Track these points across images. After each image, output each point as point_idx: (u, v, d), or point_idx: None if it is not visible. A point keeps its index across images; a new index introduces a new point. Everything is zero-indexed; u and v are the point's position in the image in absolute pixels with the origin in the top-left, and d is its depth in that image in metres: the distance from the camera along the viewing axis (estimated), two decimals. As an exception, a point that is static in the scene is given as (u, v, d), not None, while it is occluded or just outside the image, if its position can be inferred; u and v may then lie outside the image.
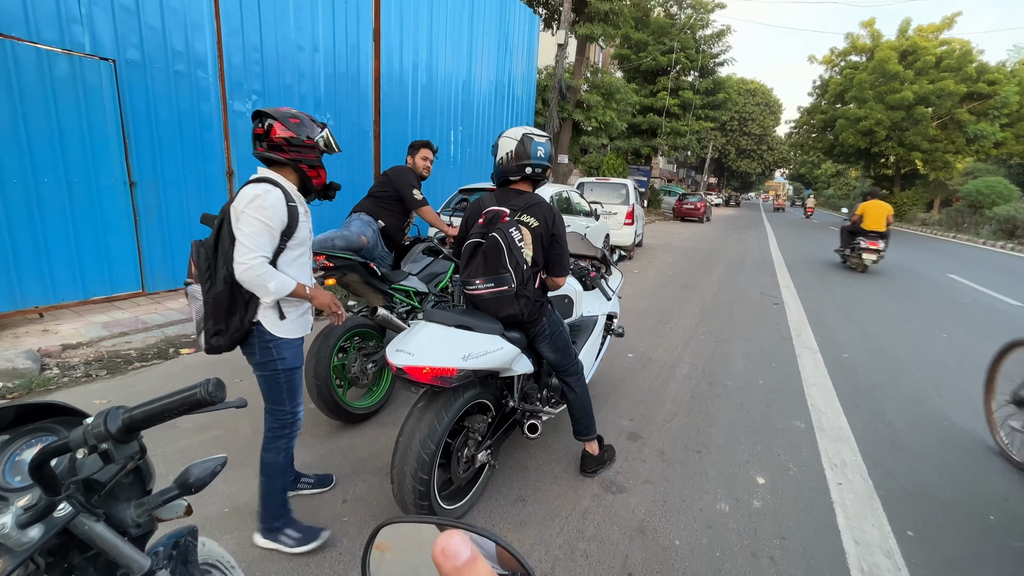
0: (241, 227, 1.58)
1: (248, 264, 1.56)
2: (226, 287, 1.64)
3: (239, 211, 1.58)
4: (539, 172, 2.01)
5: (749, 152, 45.72)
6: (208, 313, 1.65)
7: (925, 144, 22.70)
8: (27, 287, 3.76)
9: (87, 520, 0.62)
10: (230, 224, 1.61)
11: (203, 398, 0.60)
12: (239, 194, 1.62)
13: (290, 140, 1.68)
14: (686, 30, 21.10)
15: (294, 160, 1.71)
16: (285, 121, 1.69)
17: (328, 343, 2.52)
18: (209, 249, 1.65)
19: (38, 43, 3.62)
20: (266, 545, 1.81)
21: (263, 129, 1.67)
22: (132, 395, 2.96)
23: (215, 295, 1.64)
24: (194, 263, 1.66)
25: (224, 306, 1.65)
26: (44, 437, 0.71)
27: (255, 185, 1.62)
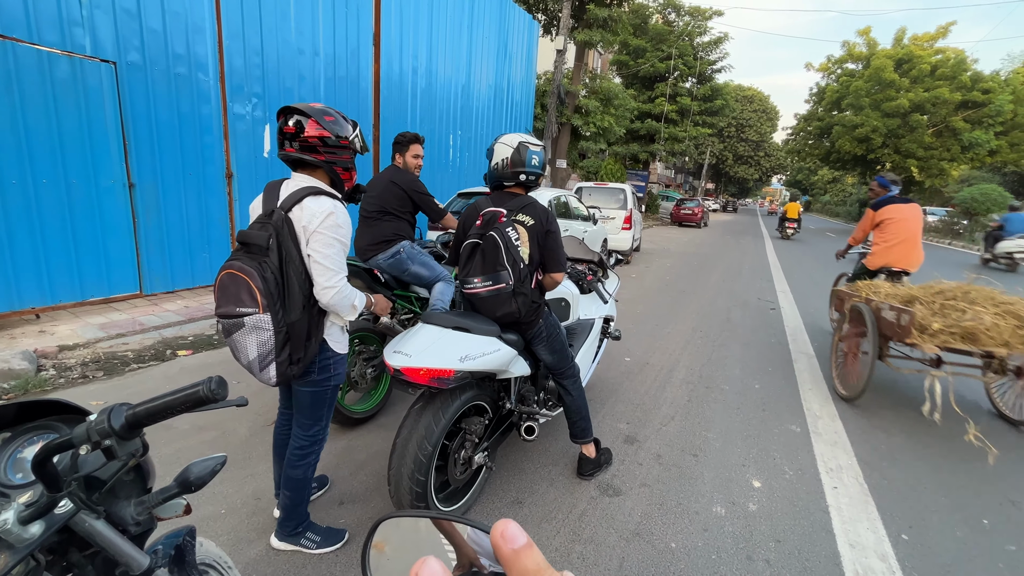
0: (320, 249, 1.49)
1: (337, 287, 1.51)
2: (304, 314, 1.52)
3: (312, 230, 1.48)
4: (532, 179, 2.08)
5: (746, 158, 46.01)
6: (281, 342, 1.49)
7: (921, 151, 22.90)
8: (24, 288, 3.76)
9: (88, 517, 0.63)
10: (294, 242, 1.49)
11: (205, 395, 0.61)
12: (303, 210, 1.49)
13: (325, 140, 1.56)
14: (684, 37, 21.28)
15: (329, 162, 1.59)
16: (320, 119, 1.56)
17: None
18: (276, 273, 1.48)
19: (39, 45, 3.63)
20: (284, 547, 1.81)
21: (294, 128, 1.54)
22: (128, 396, 2.95)
23: (291, 323, 1.50)
24: (259, 291, 1.44)
25: (303, 334, 1.53)
26: (45, 435, 0.72)
27: (320, 200, 1.51)
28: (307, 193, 1.52)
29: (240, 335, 1.49)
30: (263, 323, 1.46)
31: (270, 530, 1.91)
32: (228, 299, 1.48)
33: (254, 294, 1.45)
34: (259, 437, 2.58)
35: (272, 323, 1.47)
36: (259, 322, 1.46)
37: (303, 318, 1.52)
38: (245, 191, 5.18)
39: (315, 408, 1.73)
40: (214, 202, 4.93)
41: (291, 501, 1.77)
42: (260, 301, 1.45)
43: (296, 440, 1.75)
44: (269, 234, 1.49)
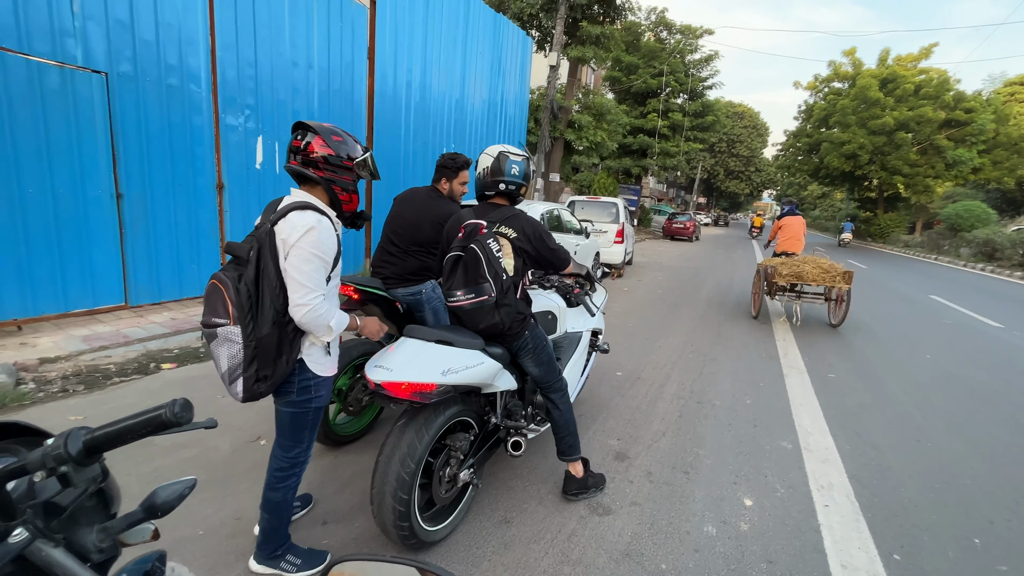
0: (297, 264, 1.45)
1: (310, 305, 1.46)
2: (273, 329, 1.47)
3: (290, 244, 1.45)
4: (513, 189, 2.07)
5: (737, 173, 46.65)
6: (249, 357, 1.46)
7: (906, 168, 23.34)
8: (6, 298, 3.68)
9: (44, 546, 0.60)
10: (273, 255, 1.47)
11: (168, 419, 0.58)
12: (286, 223, 1.47)
13: (328, 158, 1.56)
14: (675, 54, 21.68)
15: (327, 180, 1.58)
16: (327, 137, 1.57)
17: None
18: (250, 285, 1.46)
19: (29, 55, 3.61)
20: (263, 571, 1.74)
21: (301, 142, 1.56)
22: (110, 411, 2.88)
23: (260, 338, 1.46)
24: (232, 302, 1.44)
25: (272, 350, 1.49)
26: (3, 458, 0.69)
27: (304, 214, 1.48)
28: (295, 207, 1.51)
29: (215, 345, 1.49)
30: (233, 335, 1.45)
31: (250, 552, 1.85)
32: (208, 308, 1.48)
33: (227, 305, 1.45)
34: (241, 454, 2.52)
35: (242, 336, 1.44)
36: (229, 334, 1.45)
37: (272, 334, 1.48)
38: (236, 203, 5.15)
39: (295, 430, 1.68)
40: (204, 213, 4.89)
41: (269, 524, 1.71)
42: (231, 313, 1.44)
43: (276, 461, 1.70)
44: (251, 246, 1.49)
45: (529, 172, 2.10)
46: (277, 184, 5.54)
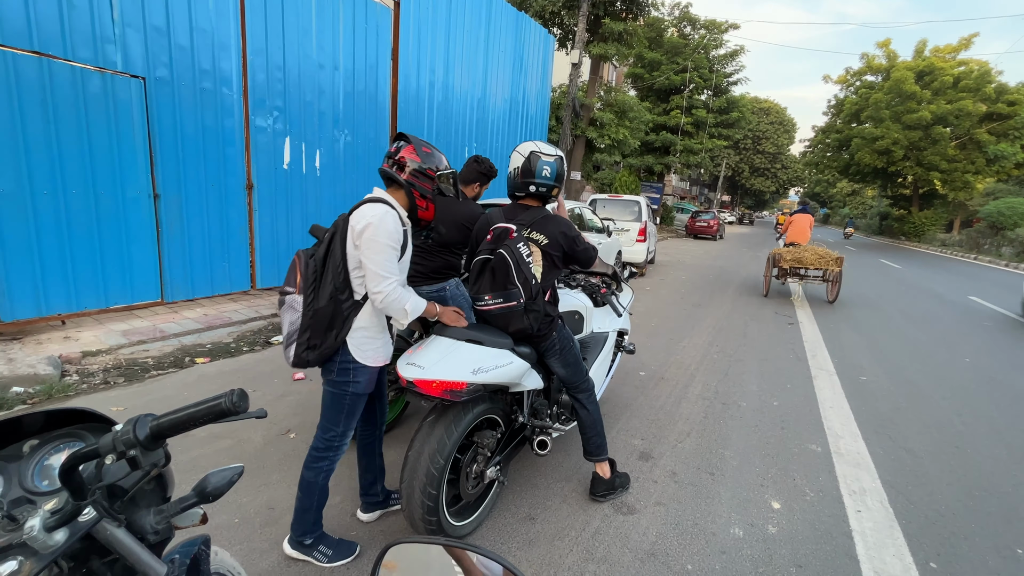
0: (371, 255, 1.58)
1: (386, 292, 1.59)
2: (330, 303, 1.63)
3: (358, 231, 1.59)
4: (544, 191, 2.03)
5: (763, 170, 45.58)
6: (304, 325, 1.64)
7: (944, 164, 22.44)
8: (51, 295, 3.86)
9: (109, 525, 0.64)
10: (342, 240, 1.64)
11: (227, 408, 0.62)
12: (359, 213, 1.62)
13: (418, 167, 1.73)
14: (699, 50, 21.29)
15: (410, 184, 1.72)
16: (418, 147, 1.75)
17: None
18: (319, 262, 1.65)
19: (73, 61, 3.78)
20: (296, 556, 1.82)
21: (396, 150, 1.75)
22: (148, 403, 3.00)
23: (317, 310, 1.63)
24: (301, 274, 1.65)
25: (325, 322, 1.64)
26: (71, 443, 0.73)
27: (375, 206, 1.63)
28: (368, 200, 1.68)
29: (282, 311, 1.71)
30: (296, 304, 1.66)
31: (283, 541, 1.91)
32: (286, 279, 1.73)
33: (296, 277, 1.67)
34: (274, 446, 2.60)
35: (302, 305, 1.64)
36: (293, 302, 1.67)
37: (328, 307, 1.64)
38: (265, 202, 5.29)
39: (334, 411, 1.75)
40: (234, 213, 5.04)
41: (301, 504, 1.79)
42: (299, 283, 1.66)
43: (315, 441, 1.79)
44: (331, 231, 1.70)
45: (563, 172, 2.05)
46: (304, 184, 5.66)
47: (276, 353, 4.01)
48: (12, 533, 0.57)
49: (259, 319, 4.76)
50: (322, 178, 5.88)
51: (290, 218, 5.58)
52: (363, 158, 6.37)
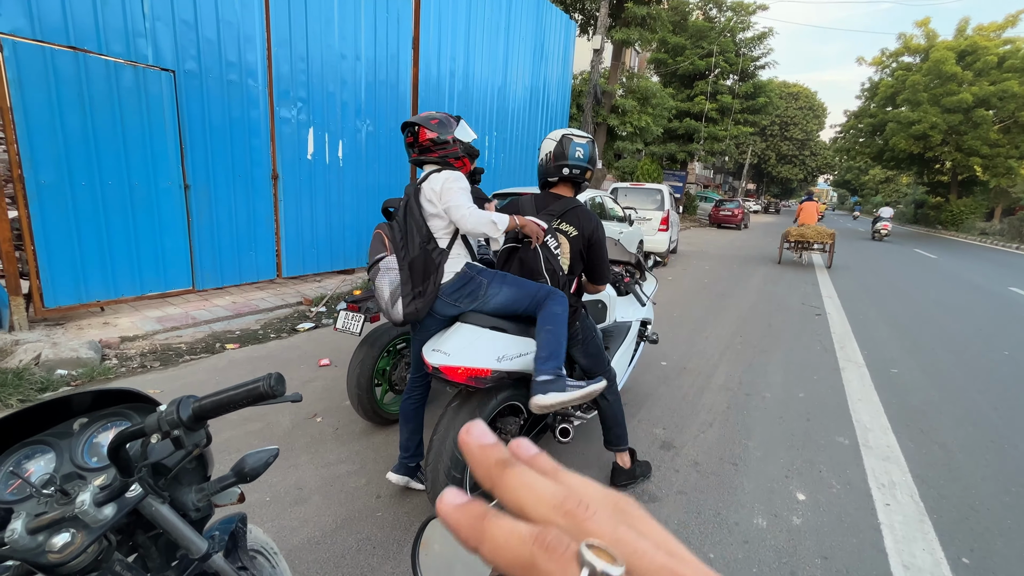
0: (451, 198, 1.82)
1: (468, 211, 1.80)
2: (421, 252, 1.86)
3: (438, 190, 1.84)
4: (577, 173, 2.01)
5: (790, 158, 44.18)
6: (405, 278, 1.86)
7: (985, 149, 21.37)
8: (91, 282, 4.03)
9: (154, 502, 0.67)
10: (418, 203, 1.89)
11: (265, 391, 0.63)
12: (430, 180, 1.88)
13: (434, 140, 1.93)
14: (725, 33, 20.64)
15: (442, 157, 1.94)
16: (427, 124, 1.93)
17: (374, 350, 2.56)
18: (401, 223, 1.91)
19: (107, 55, 3.89)
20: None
21: (413, 138, 1.94)
22: (182, 386, 3.12)
23: (412, 260, 1.86)
24: (388, 238, 1.92)
25: (421, 269, 1.86)
26: (118, 422, 0.77)
27: (440, 172, 1.89)
28: (433, 171, 1.92)
29: (379, 278, 1.90)
30: (391, 263, 1.90)
31: (312, 520, 1.98)
32: (372, 252, 1.99)
33: (384, 241, 1.95)
34: (301, 430, 2.68)
35: (397, 262, 1.89)
36: (388, 263, 1.90)
37: (420, 256, 1.86)
38: (289, 192, 5.38)
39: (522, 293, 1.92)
40: (260, 202, 5.15)
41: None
42: (388, 246, 1.93)
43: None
44: (404, 200, 1.95)
45: (595, 156, 2.05)
46: (327, 174, 5.74)
47: (302, 340, 4.11)
48: (65, 507, 0.60)
49: (285, 307, 4.88)
50: (345, 168, 5.95)
51: (314, 208, 5.68)
52: (384, 148, 6.41)
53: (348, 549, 1.84)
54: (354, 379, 2.51)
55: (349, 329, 2.59)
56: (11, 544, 0.57)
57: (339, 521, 1.99)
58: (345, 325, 2.61)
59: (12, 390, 2.79)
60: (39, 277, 3.73)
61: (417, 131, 1.92)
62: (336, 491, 2.18)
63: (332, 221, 5.91)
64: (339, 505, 2.09)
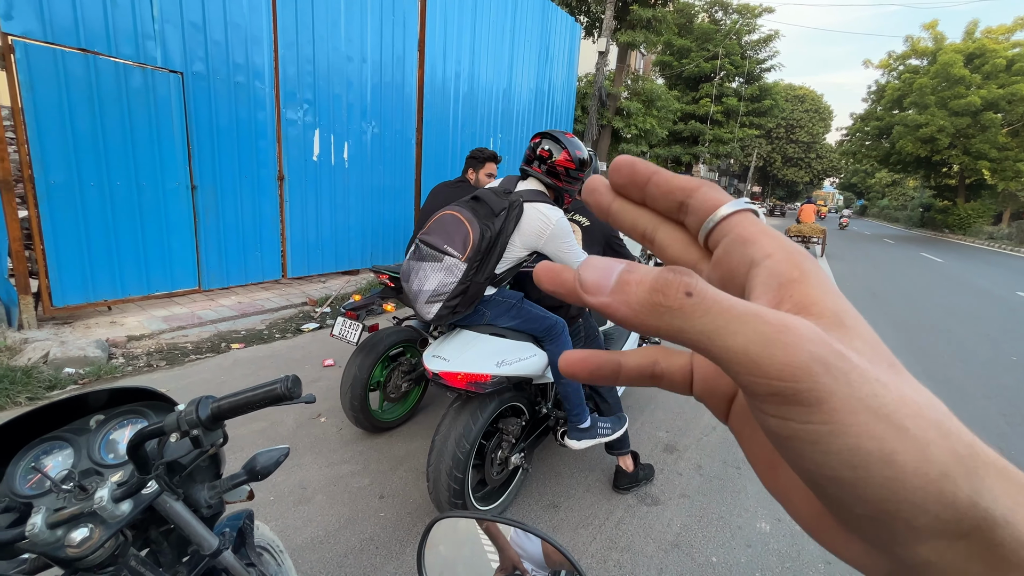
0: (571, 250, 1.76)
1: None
2: (485, 282, 1.73)
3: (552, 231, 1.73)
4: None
5: (796, 160, 44.02)
6: (457, 292, 1.68)
7: (994, 152, 21.20)
8: (99, 282, 4.06)
9: (169, 498, 0.68)
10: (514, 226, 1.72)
11: (283, 393, 0.64)
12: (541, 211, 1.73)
13: (569, 171, 1.82)
14: (731, 36, 20.62)
15: (564, 190, 1.83)
16: (572, 151, 1.80)
17: (369, 359, 2.51)
18: (492, 238, 1.69)
19: (117, 57, 3.93)
20: (581, 446, 2.08)
21: (548, 152, 1.80)
22: (189, 385, 3.15)
23: (477, 283, 1.71)
24: (473, 243, 1.66)
25: (476, 296, 1.74)
26: (134, 419, 0.78)
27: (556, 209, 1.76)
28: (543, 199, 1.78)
29: (431, 266, 1.69)
30: (456, 269, 1.66)
31: (315, 520, 1.99)
32: (442, 235, 1.70)
33: (467, 243, 1.66)
34: (305, 430, 2.69)
35: (462, 273, 1.66)
36: (453, 266, 1.66)
37: (483, 286, 1.74)
38: (295, 193, 5.42)
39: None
40: (267, 204, 5.18)
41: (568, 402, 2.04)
42: (468, 252, 1.66)
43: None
44: (504, 206, 1.70)
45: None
46: (333, 176, 5.77)
47: (307, 340, 4.13)
48: (83, 502, 0.61)
49: (290, 307, 4.91)
50: (350, 170, 5.98)
51: (319, 209, 5.71)
52: (389, 150, 6.44)
53: (351, 548, 1.85)
54: (347, 387, 2.46)
55: (346, 337, 2.53)
56: (31, 538, 0.58)
57: (343, 521, 2.00)
58: (342, 333, 2.55)
59: (21, 388, 2.83)
60: (48, 276, 3.77)
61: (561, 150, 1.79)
62: (340, 491, 2.19)
63: (337, 222, 5.94)
64: (343, 505, 2.10)
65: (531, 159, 1.84)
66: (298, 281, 5.85)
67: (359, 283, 5.93)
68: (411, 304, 1.81)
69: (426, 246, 1.71)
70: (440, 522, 0.72)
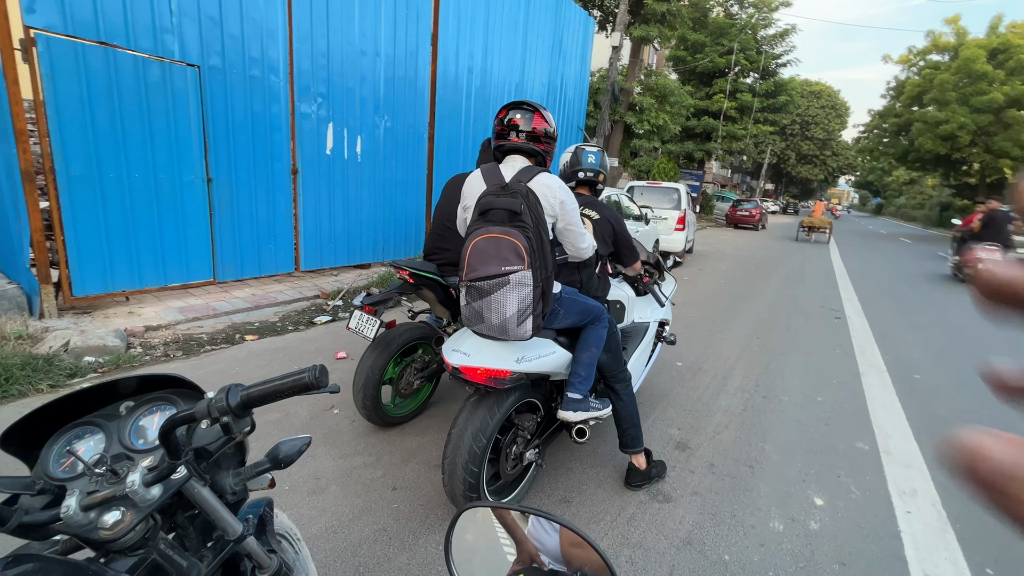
0: (572, 220, 1.77)
1: (593, 245, 1.84)
2: (552, 271, 1.71)
3: (560, 200, 1.73)
4: (591, 176, 2.30)
5: (811, 157, 43.30)
6: (538, 297, 1.65)
7: (1016, 151, 20.69)
8: (117, 272, 4.13)
9: (197, 484, 0.69)
10: (540, 209, 1.67)
11: (310, 382, 0.65)
12: (543, 180, 1.71)
13: (548, 133, 1.81)
14: (747, 30, 20.29)
15: (546, 152, 1.83)
16: (544, 111, 1.80)
17: (384, 355, 2.49)
18: (535, 235, 1.64)
19: (135, 51, 3.98)
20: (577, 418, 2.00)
21: (521, 120, 1.77)
22: (204, 375, 3.19)
23: (545, 279, 1.67)
24: (526, 250, 1.60)
25: (550, 288, 1.71)
26: (163, 406, 0.79)
27: (552, 176, 1.75)
28: (540, 171, 1.75)
29: (502, 293, 1.62)
30: (526, 279, 1.61)
31: (330, 510, 2.01)
32: (489, 261, 1.62)
33: (521, 253, 1.60)
34: (319, 421, 2.72)
35: (533, 279, 1.62)
36: (523, 278, 1.61)
37: (552, 276, 1.71)
38: (309, 186, 5.45)
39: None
40: (280, 197, 5.22)
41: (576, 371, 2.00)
42: (526, 259, 1.60)
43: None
44: (519, 203, 1.63)
45: (605, 163, 2.30)
46: (346, 169, 5.80)
47: (319, 332, 4.17)
48: (115, 486, 0.63)
49: (303, 300, 4.95)
50: (363, 163, 6.00)
51: (332, 202, 5.74)
52: (402, 144, 6.45)
53: (365, 539, 1.87)
54: (361, 383, 2.46)
55: (363, 332, 2.49)
56: (66, 519, 0.59)
57: (356, 511, 2.02)
58: (359, 327, 2.51)
59: (42, 375, 2.89)
60: (68, 267, 3.84)
61: (532, 115, 1.75)
62: (353, 482, 2.21)
63: (350, 216, 5.97)
64: (356, 496, 2.12)
65: (504, 132, 1.81)
66: (310, 274, 5.90)
67: (371, 277, 5.97)
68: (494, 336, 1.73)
69: (483, 280, 1.63)
70: (467, 512, 0.73)
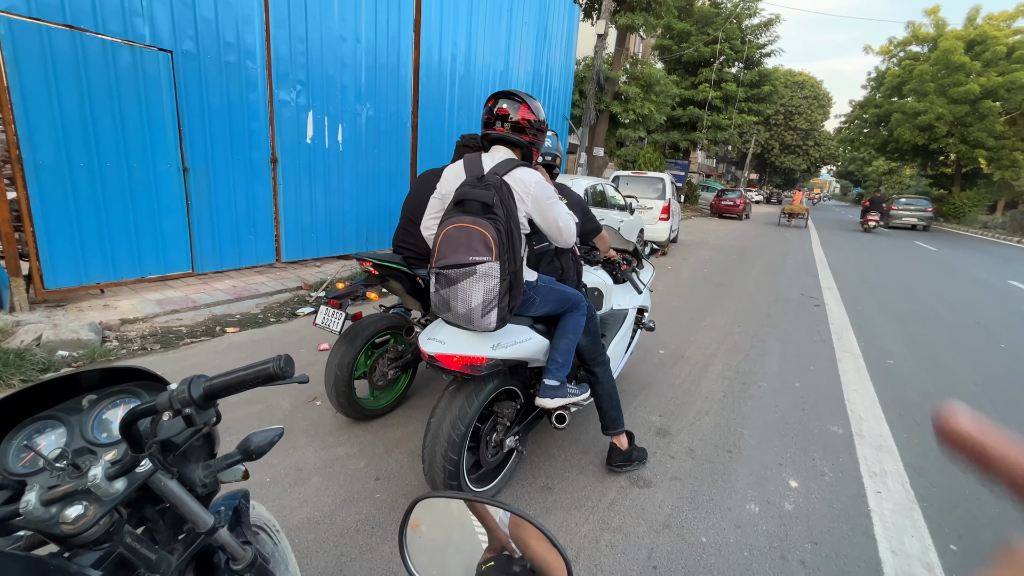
0: (553, 209, 1.78)
1: (573, 229, 1.84)
2: (521, 264, 1.74)
3: (533, 194, 1.73)
4: (549, 159, 2.36)
5: (794, 147, 43.84)
6: (505, 290, 1.66)
7: (991, 141, 21.20)
8: (90, 264, 4.03)
9: (163, 477, 0.68)
10: (513, 202, 1.70)
11: (275, 372, 0.64)
12: (518, 175, 1.72)
13: (532, 123, 1.80)
14: (731, 19, 20.32)
15: (531, 144, 1.83)
16: (531, 103, 1.79)
17: (352, 347, 2.45)
18: (504, 227, 1.66)
19: (103, 35, 3.84)
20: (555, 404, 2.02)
21: (508, 110, 1.78)
22: (184, 368, 3.14)
23: (514, 272, 1.69)
24: (495, 241, 1.62)
25: (520, 282, 1.74)
26: (127, 399, 0.78)
27: (527, 170, 1.75)
28: (517, 164, 1.76)
29: (468, 282, 1.65)
30: (493, 271, 1.63)
31: (312, 500, 2.01)
32: (458, 250, 1.64)
33: (489, 244, 1.62)
34: (301, 412, 2.70)
35: (500, 271, 1.64)
36: (490, 270, 1.63)
37: (521, 269, 1.74)
38: (289, 176, 5.35)
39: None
40: (260, 187, 5.12)
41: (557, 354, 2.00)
42: (494, 251, 1.62)
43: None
44: (491, 195, 1.65)
45: (559, 145, 2.37)
46: (327, 158, 5.70)
47: (301, 324, 4.13)
48: (77, 480, 0.61)
49: (284, 291, 4.89)
50: (344, 152, 5.91)
51: (313, 192, 5.65)
52: (384, 132, 6.36)
53: (347, 529, 1.88)
54: (331, 377, 2.42)
55: (328, 326, 2.47)
56: (25, 515, 0.58)
57: (338, 502, 2.02)
58: (325, 321, 2.48)
59: (14, 370, 2.81)
60: (39, 258, 3.73)
61: (519, 105, 1.76)
62: (335, 472, 2.21)
63: (331, 206, 5.89)
64: (338, 486, 2.12)
65: (491, 121, 1.81)
66: (292, 265, 5.82)
67: (354, 268, 5.91)
68: (460, 324, 1.75)
69: (450, 269, 1.66)
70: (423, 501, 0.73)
